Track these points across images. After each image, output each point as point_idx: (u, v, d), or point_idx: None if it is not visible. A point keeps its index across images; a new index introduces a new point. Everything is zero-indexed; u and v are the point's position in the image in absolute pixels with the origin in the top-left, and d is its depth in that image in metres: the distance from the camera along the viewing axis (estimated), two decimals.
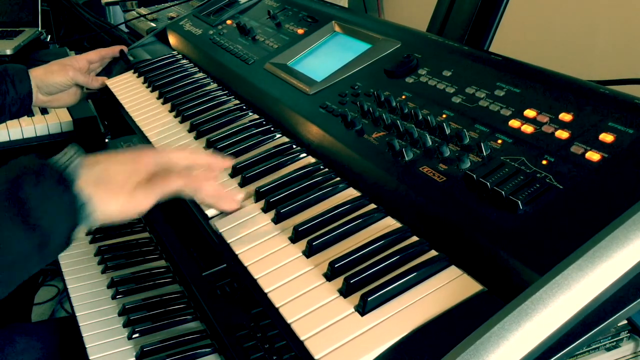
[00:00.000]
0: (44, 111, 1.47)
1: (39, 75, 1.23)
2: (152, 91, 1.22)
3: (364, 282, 0.62)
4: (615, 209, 0.57)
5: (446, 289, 0.61)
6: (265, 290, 0.66)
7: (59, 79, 1.24)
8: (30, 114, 1.45)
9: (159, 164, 0.76)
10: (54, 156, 0.70)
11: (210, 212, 0.81)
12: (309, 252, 0.69)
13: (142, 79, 1.28)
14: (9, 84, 1.18)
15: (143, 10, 1.90)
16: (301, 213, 0.76)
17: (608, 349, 0.85)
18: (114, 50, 1.37)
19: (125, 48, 1.38)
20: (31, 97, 1.21)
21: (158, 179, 0.74)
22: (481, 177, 0.66)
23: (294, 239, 0.72)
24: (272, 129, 0.97)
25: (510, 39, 1.54)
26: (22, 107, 1.21)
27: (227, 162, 0.85)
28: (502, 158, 0.69)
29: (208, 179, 0.78)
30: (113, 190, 0.70)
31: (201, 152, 0.78)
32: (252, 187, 0.83)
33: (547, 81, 0.77)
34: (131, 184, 0.72)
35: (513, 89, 0.78)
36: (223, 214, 0.80)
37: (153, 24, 1.75)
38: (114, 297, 1.05)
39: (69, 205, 0.66)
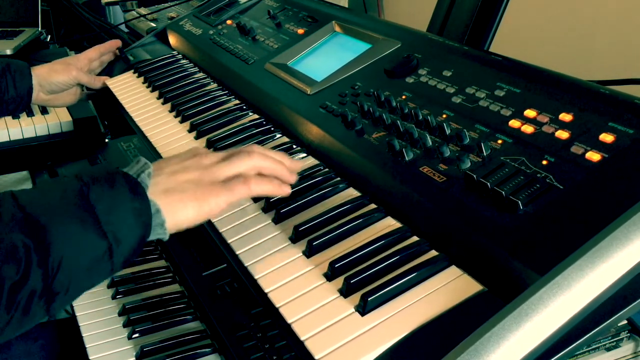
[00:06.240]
0: (44, 111, 1.47)
1: (42, 74, 1.22)
2: (152, 91, 1.22)
3: (364, 282, 0.62)
4: (615, 209, 0.57)
5: (446, 289, 0.61)
6: (266, 290, 0.66)
7: (62, 78, 1.24)
8: (30, 113, 1.45)
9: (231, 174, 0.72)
10: (125, 167, 0.68)
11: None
12: (309, 252, 0.69)
13: (142, 79, 1.28)
14: (9, 81, 1.17)
15: (143, 10, 1.90)
16: (301, 213, 0.76)
17: (608, 349, 0.85)
18: (110, 45, 1.36)
19: (119, 42, 1.38)
20: (30, 95, 1.21)
21: (234, 181, 0.71)
22: (481, 177, 0.66)
23: (294, 239, 0.72)
24: (272, 129, 0.97)
25: (510, 39, 1.54)
26: (21, 105, 1.21)
27: (297, 164, 0.80)
28: (502, 158, 0.69)
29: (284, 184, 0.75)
30: (183, 199, 0.67)
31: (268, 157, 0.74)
32: None
33: (547, 81, 0.77)
34: (202, 190, 0.69)
35: (513, 89, 0.78)
36: (224, 216, 0.80)
37: (153, 24, 1.75)
38: (114, 297, 1.05)
39: (141, 213, 0.63)
